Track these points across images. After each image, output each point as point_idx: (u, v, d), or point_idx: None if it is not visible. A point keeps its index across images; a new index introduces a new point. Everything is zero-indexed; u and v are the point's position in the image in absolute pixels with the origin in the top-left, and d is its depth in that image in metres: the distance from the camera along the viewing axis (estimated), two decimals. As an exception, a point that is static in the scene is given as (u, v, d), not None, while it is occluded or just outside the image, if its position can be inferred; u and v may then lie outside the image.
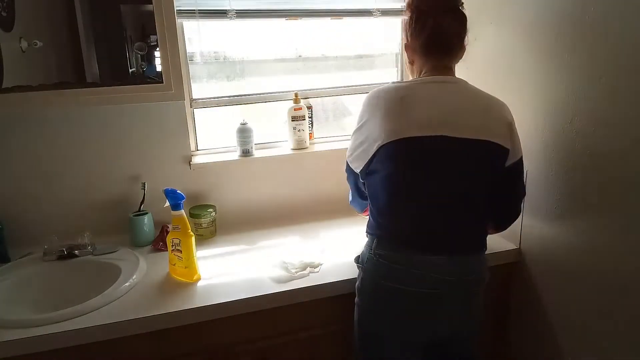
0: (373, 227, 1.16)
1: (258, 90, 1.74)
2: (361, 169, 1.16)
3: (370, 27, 1.80)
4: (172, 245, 1.29)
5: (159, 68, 1.41)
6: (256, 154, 1.67)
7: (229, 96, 1.70)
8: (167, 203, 1.28)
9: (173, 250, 1.29)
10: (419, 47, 1.15)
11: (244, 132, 1.64)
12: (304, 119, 1.70)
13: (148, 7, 1.35)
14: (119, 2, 1.37)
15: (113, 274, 1.28)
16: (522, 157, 1.17)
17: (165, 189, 1.29)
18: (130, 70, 1.42)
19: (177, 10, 1.47)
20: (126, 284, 1.23)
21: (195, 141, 1.69)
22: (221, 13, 1.58)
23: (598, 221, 1.16)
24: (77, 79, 1.38)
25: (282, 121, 1.73)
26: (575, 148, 1.20)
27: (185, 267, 1.28)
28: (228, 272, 1.33)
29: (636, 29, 1.02)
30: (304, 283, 1.26)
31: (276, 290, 1.23)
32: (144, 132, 1.55)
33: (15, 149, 1.46)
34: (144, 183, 1.54)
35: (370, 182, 1.16)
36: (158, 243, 1.49)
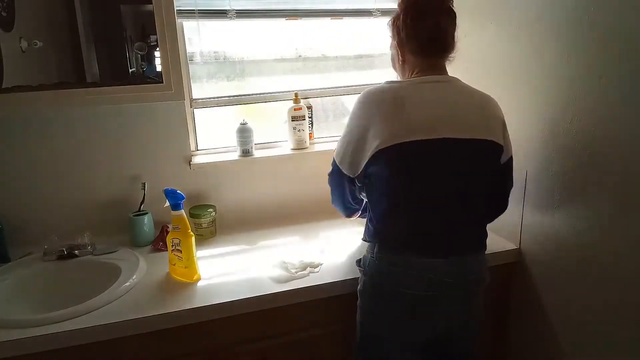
0: (373, 233, 1.15)
1: (258, 90, 1.74)
2: (358, 174, 1.14)
3: (370, 27, 1.80)
4: (172, 245, 1.29)
5: (159, 68, 1.41)
6: (256, 154, 1.67)
7: (229, 96, 1.70)
8: (167, 203, 1.28)
9: (173, 250, 1.29)
10: (416, 47, 1.14)
11: (244, 132, 1.64)
12: (304, 119, 1.70)
13: (148, 7, 1.35)
14: (119, 2, 1.37)
15: (113, 274, 1.28)
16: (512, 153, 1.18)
17: (165, 189, 1.29)
18: (130, 70, 1.43)
19: (177, 10, 1.47)
20: (126, 284, 1.23)
21: (195, 141, 1.68)
22: (221, 13, 1.58)
23: (598, 221, 1.16)
24: (77, 79, 1.38)
25: (282, 121, 1.73)
26: (575, 148, 1.20)
27: (185, 267, 1.28)
28: (228, 272, 1.33)
29: (636, 29, 1.02)
30: (304, 283, 1.26)
31: (276, 290, 1.23)
32: (144, 132, 1.55)
33: (15, 149, 1.46)
34: (144, 183, 1.54)
35: (369, 189, 1.16)
36: (158, 243, 1.49)
